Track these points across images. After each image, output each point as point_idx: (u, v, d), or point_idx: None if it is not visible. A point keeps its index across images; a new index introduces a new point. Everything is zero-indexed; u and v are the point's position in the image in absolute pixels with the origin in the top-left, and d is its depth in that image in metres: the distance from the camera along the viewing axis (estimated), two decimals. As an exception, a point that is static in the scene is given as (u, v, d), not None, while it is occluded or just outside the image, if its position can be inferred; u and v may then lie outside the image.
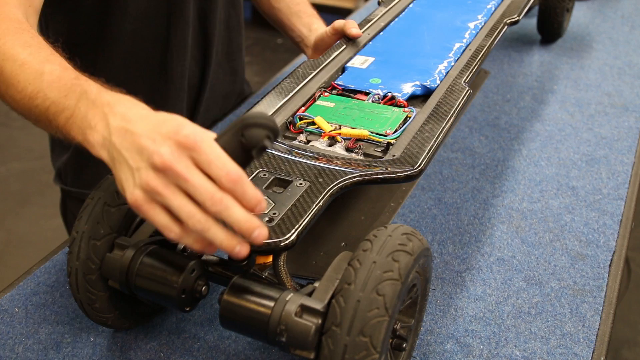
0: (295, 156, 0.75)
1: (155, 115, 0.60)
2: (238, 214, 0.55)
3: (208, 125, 1.15)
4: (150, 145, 0.56)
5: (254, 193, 0.56)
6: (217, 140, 0.57)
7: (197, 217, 0.55)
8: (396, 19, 1.10)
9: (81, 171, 1.09)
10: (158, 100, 1.04)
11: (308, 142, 0.80)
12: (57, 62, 0.70)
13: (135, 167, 0.57)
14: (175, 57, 1.01)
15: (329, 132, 0.80)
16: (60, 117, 0.65)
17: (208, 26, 1.05)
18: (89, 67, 1.00)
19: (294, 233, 0.63)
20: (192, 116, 1.12)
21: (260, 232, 0.56)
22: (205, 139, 0.56)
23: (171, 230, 0.57)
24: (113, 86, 0.84)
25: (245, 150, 0.57)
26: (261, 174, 0.72)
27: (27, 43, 0.72)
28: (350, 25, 1.00)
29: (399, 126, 0.81)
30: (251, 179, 0.71)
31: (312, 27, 1.10)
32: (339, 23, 1.00)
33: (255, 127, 0.57)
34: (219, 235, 0.56)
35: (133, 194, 0.57)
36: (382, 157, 0.76)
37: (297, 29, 1.11)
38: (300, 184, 0.70)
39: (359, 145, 0.79)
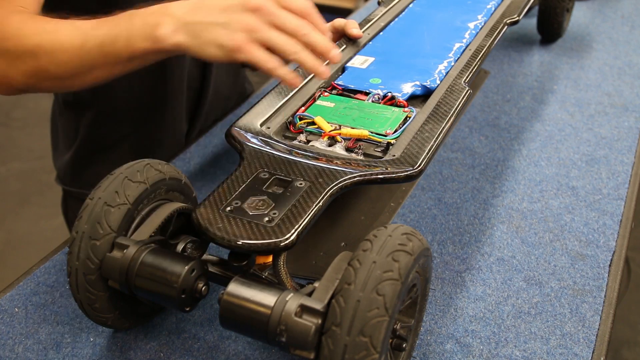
0: (295, 156, 0.75)
1: None
2: (319, 36, 0.70)
3: (209, 125, 1.15)
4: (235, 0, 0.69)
5: (323, 21, 0.73)
6: None
7: (291, 42, 0.69)
8: (396, 19, 1.10)
9: (82, 171, 1.09)
10: (158, 103, 1.04)
11: (308, 142, 0.80)
12: (82, 18, 0.77)
13: (226, 21, 0.68)
14: (174, 60, 1.01)
15: (329, 132, 0.80)
16: (118, 43, 0.72)
17: None
18: None
19: (294, 233, 0.64)
20: (194, 118, 1.12)
21: (337, 51, 0.73)
22: None
23: (270, 61, 0.69)
24: (114, 90, 0.85)
25: None
26: (261, 174, 0.72)
27: (45, 19, 0.78)
28: (351, 26, 1.00)
29: (399, 126, 0.81)
30: (251, 179, 0.71)
31: None
32: (339, 22, 1.00)
33: None
34: (309, 56, 0.70)
35: (234, 39, 0.68)
36: (382, 157, 0.76)
37: None
38: (300, 184, 0.70)
39: (359, 145, 0.79)
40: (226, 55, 0.69)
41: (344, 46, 0.99)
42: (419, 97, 0.89)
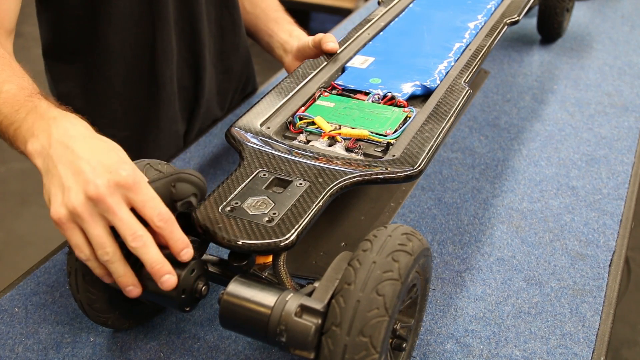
0: (295, 156, 0.75)
1: (99, 141, 0.64)
2: (153, 255, 0.60)
3: (208, 125, 1.15)
4: (89, 172, 0.60)
5: (181, 236, 0.62)
6: (149, 183, 0.62)
7: (106, 248, 0.60)
8: (396, 19, 1.10)
9: None
10: (151, 106, 1.04)
11: (308, 142, 0.80)
12: (15, 82, 0.73)
13: (67, 186, 0.60)
14: (162, 62, 1.01)
15: (329, 132, 0.80)
16: (9, 129, 0.69)
17: (196, 28, 1.04)
18: (84, 75, 1.01)
19: (294, 233, 0.64)
20: (191, 118, 1.11)
21: (170, 279, 0.61)
22: (142, 181, 0.61)
23: (82, 251, 0.61)
24: (107, 95, 0.82)
25: (172, 200, 0.63)
26: (261, 174, 0.72)
27: None
28: (327, 40, 0.97)
29: (399, 126, 0.81)
30: (251, 179, 0.71)
31: (293, 33, 1.09)
32: (318, 36, 0.99)
33: (186, 182, 0.63)
34: (120, 270, 0.61)
35: (58, 211, 0.61)
36: (382, 157, 0.76)
37: (277, 34, 1.10)
38: (300, 184, 0.70)
39: (359, 145, 0.79)
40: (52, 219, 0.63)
41: (344, 46, 0.99)
42: (419, 97, 0.89)
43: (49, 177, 0.62)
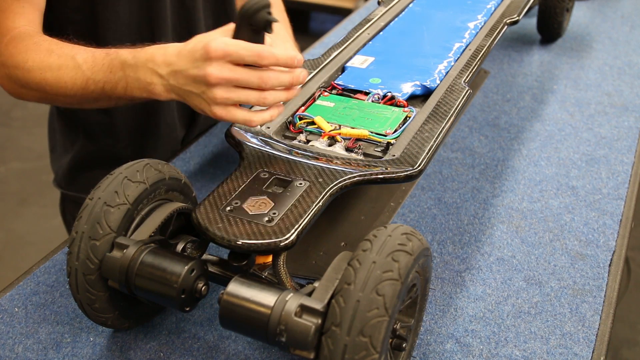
0: (295, 156, 0.75)
1: (185, 47, 0.74)
2: (283, 78, 0.72)
3: (208, 126, 1.15)
4: (198, 72, 0.72)
5: (284, 54, 0.71)
6: (234, 38, 0.72)
7: (262, 95, 0.72)
8: (396, 19, 1.10)
9: (77, 175, 1.09)
10: (150, 111, 1.04)
11: (308, 142, 0.80)
12: (81, 50, 0.82)
13: (200, 92, 0.73)
14: None
15: (329, 132, 0.80)
16: (117, 89, 0.79)
17: (194, 34, 1.04)
18: None
19: (293, 233, 0.64)
20: (191, 124, 1.11)
21: (302, 73, 0.74)
22: (228, 43, 0.71)
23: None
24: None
25: (258, 33, 0.72)
26: (261, 174, 0.72)
27: (48, 50, 0.82)
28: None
29: (399, 126, 0.81)
30: (251, 179, 0.71)
31: None
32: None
33: (256, 12, 0.70)
34: (278, 95, 0.73)
35: (213, 111, 0.73)
36: (382, 157, 0.76)
37: None
38: (300, 184, 0.70)
39: (359, 145, 0.79)
40: (213, 118, 0.75)
41: (344, 46, 0.99)
42: (419, 97, 0.89)
43: (187, 98, 0.75)
